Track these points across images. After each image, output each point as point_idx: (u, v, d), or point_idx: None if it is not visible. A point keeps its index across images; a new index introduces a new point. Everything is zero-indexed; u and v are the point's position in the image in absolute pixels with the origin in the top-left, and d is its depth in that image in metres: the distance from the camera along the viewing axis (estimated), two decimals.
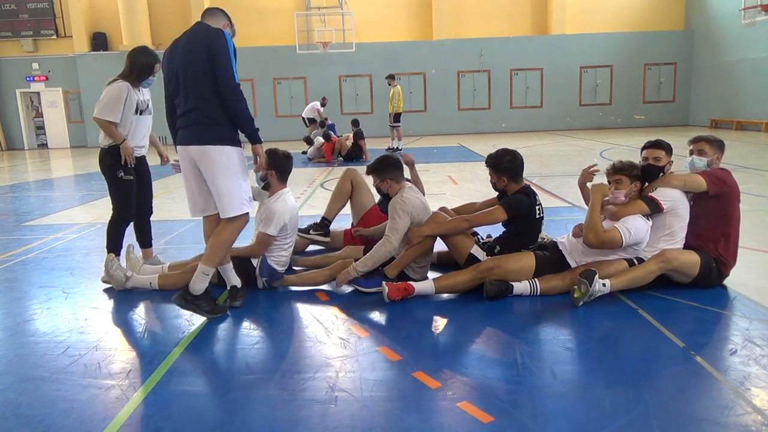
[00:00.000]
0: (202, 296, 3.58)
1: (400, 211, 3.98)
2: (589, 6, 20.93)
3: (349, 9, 19.66)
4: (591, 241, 3.71)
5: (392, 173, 4.16)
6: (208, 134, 3.43)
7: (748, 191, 7.32)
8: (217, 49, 3.35)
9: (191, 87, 3.43)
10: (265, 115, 20.96)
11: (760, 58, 17.11)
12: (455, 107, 21.37)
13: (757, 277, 4.10)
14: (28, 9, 20.69)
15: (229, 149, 3.47)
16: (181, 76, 3.46)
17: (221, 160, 3.44)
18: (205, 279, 3.58)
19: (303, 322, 3.57)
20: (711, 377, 2.68)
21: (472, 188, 8.65)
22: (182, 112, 3.52)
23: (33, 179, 12.20)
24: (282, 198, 4.15)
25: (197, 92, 3.41)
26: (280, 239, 4.13)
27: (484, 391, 2.61)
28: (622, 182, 3.81)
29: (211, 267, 3.58)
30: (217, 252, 3.57)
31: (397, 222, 3.97)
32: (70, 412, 2.51)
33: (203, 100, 3.41)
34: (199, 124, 3.44)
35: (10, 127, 21.22)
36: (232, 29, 3.70)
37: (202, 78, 3.39)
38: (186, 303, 3.55)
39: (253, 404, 2.57)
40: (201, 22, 3.58)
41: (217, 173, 3.46)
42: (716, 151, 3.90)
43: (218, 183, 3.47)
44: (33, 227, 6.77)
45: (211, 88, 3.39)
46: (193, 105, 3.44)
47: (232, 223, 3.57)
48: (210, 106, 3.41)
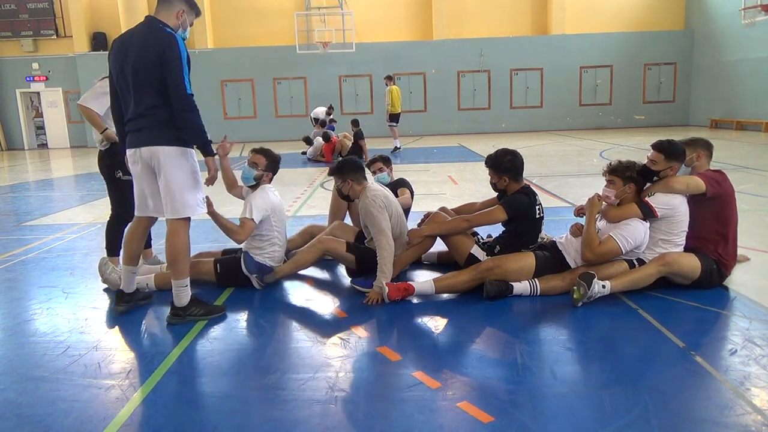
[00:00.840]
0: (190, 304, 3.54)
1: (375, 210, 3.96)
2: (589, 6, 20.92)
3: (349, 9, 19.65)
4: (588, 258, 3.71)
5: (353, 175, 4.15)
6: (159, 136, 3.32)
7: (748, 191, 7.32)
8: (169, 57, 3.19)
9: (143, 92, 3.29)
10: (265, 115, 20.96)
11: (760, 58, 17.11)
12: (455, 107, 21.36)
13: (757, 277, 4.10)
14: (28, 9, 20.67)
15: (182, 150, 3.37)
16: (132, 80, 3.31)
17: (174, 161, 3.34)
18: (185, 291, 3.51)
19: (303, 323, 3.57)
20: (711, 377, 2.68)
21: (472, 188, 8.64)
22: (132, 116, 3.38)
23: (33, 179, 12.20)
24: (263, 189, 4.16)
25: (148, 99, 3.28)
26: (266, 232, 4.12)
27: (484, 391, 2.61)
28: (614, 183, 3.81)
29: (183, 278, 3.49)
30: (182, 262, 3.47)
31: (378, 221, 3.94)
32: (70, 412, 2.51)
33: (155, 107, 3.29)
34: (150, 127, 3.32)
35: (10, 127, 21.21)
36: (194, 12, 3.50)
37: (151, 83, 3.25)
38: (179, 318, 3.52)
39: (253, 404, 2.57)
40: (153, 18, 3.37)
41: (170, 174, 3.34)
42: (694, 150, 3.90)
43: (171, 184, 3.36)
44: (33, 227, 6.77)
45: (163, 94, 3.26)
46: (143, 111, 3.32)
47: (179, 227, 3.45)
48: (161, 110, 3.29)
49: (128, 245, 3.68)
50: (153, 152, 3.35)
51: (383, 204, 4.00)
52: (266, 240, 4.14)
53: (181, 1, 3.41)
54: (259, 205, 4.02)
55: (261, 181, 4.18)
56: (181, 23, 3.43)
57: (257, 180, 4.16)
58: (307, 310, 3.78)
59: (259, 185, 4.18)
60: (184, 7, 3.43)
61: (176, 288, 3.49)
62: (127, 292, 3.72)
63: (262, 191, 4.14)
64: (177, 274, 3.48)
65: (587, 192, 7.86)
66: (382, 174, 5.00)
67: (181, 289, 3.50)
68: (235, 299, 3.96)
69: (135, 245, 3.67)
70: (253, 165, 4.17)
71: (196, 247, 4.88)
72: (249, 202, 4.05)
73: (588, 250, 3.70)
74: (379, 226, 3.93)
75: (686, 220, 3.78)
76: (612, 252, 3.68)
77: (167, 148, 3.33)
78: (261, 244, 4.14)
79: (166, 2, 3.39)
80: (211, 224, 4.07)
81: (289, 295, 4.11)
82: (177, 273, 3.48)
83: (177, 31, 3.39)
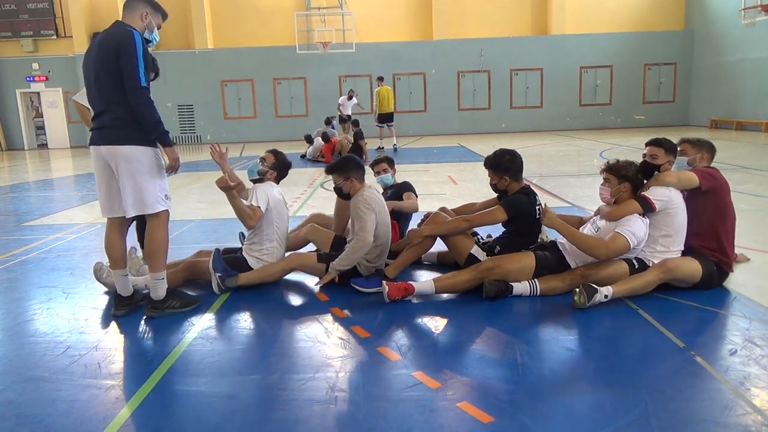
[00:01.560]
0: (167, 297, 3.66)
1: (365, 209, 3.97)
2: (589, 6, 20.92)
3: (349, 9, 19.66)
4: (603, 255, 3.65)
5: (356, 172, 4.16)
6: (117, 135, 3.40)
7: (748, 191, 7.32)
8: (124, 52, 3.28)
9: (102, 89, 3.39)
10: (265, 115, 20.96)
11: (760, 58, 17.11)
12: (455, 107, 21.36)
13: (757, 277, 4.10)
14: (28, 9, 20.67)
15: (140, 148, 3.43)
16: (93, 78, 3.41)
17: (132, 160, 3.41)
18: (162, 283, 3.63)
19: (303, 323, 3.57)
20: (711, 377, 2.68)
21: (472, 188, 8.64)
22: (94, 114, 3.51)
23: (33, 179, 12.20)
24: (266, 183, 4.23)
25: (106, 94, 3.38)
26: (265, 227, 4.13)
27: (484, 391, 2.61)
28: (610, 182, 3.83)
29: (160, 271, 3.61)
30: (159, 256, 3.59)
31: (364, 220, 3.96)
32: (70, 412, 2.51)
33: (112, 103, 3.38)
34: (110, 126, 3.41)
35: (10, 127, 21.20)
36: (159, 13, 3.60)
37: (111, 80, 3.34)
38: (157, 311, 3.63)
39: (253, 404, 2.57)
40: (118, 21, 3.49)
41: (128, 172, 3.41)
42: (699, 151, 3.97)
43: (130, 182, 3.43)
44: (33, 227, 6.77)
45: (121, 90, 3.34)
46: (103, 107, 3.42)
47: (157, 222, 3.56)
48: (119, 107, 3.38)
49: (110, 250, 3.69)
50: (111, 152, 3.42)
51: (375, 208, 4.01)
52: (265, 236, 4.15)
53: (144, 3, 3.51)
54: (260, 195, 4.07)
55: (265, 177, 4.26)
56: (147, 25, 3.54)
57: (261, 175, 4.25)
58: (307, 310, 3.77)
59: (262, 181, 4.24)
60: (148, 9, 3.54)
61: (153, 281, 3.61)
62: (124, 296, 3.73)
63: (264, 184, 4.20)
64: (154, 268, 3.60)
65: (587, 192, 7.91)
66: (386, 175, 5.00)
67: (158, 282, 3.62)
68: (235, 299, 3.96)
69: (117, 249, 3.69)
70: (261, 161, 4.30)
71: (196, 247, 4.91)
72: (253, 191, 4.13)
73: (598, 252, 3.66)
74: (364, 224, 3.96)
75: (684, 215, 3.78)
76: (623, 247, 3.65)
77: (124, 147, 3.40)
78: (259, 239, 4.14)
79: (130, 5, 3.51)
80: (211, 224, 4.08)
81: (289, 295, 4.11)
82: (154, 266, 3.60)
83: (143, 32, 3.49)
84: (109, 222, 3.71)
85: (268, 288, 4.13)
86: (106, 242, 3.71)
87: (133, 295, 3.78)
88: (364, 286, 3.98)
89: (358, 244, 3.94)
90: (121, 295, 3.72)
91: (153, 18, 3.56)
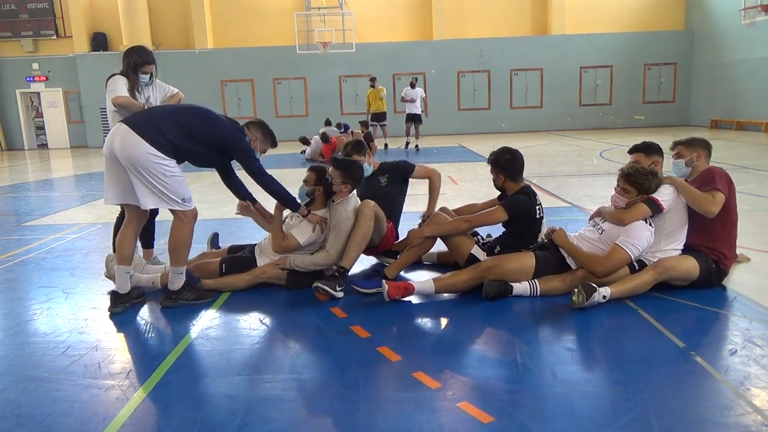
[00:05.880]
0: (182, 289, 3.76)
1: (345, 226, 4.01)
2: (589, 6, 20.91)
3: (349, 9, 19.66)
4: (599, 272, 3.65)
5: (355, 182, 4.17)
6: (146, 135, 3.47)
7: (748, 191, 7.32)
8: (234, 148, 3.84)
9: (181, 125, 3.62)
10: (265, 115, 20.88)
11: (760, 58, 17.11)
12: (455, 107, 21.35)
13: (757, 277, 4.10)
14: (28, 9, 20.66)
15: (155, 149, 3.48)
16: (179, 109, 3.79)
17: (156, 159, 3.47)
18: (180, 277, 3.76)
19: (303, 323, 3.57)
20: (711, 377, 2.68)
21: (472, 188, 8.64)
22: (140, 119, 3.65)
23: (33, 179, 12.20)
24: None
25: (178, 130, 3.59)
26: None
27: (484, 391, 2.61)
28: (629, 192, 3.73)
29: (181, 266, 3.73)
30: (182, 253, 3.69)
31: (341, 236, 4.01)
32: (70, 412, 2.51)
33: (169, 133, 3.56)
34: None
35: (10, 127, 21.19)
36: (269, 143, 4.11)
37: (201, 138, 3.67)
38: (172, 301, 3.76)
39: (253, 404, 2.56)
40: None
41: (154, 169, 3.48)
42: (694, 150, 3.92)
43: (160, 177, 3.50)
44: (33, 227, 6.76)
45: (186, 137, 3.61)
46: (162, 127, 3.55)
47: (185, 219, 3.64)
48: (169, 136, 3.53)
49: (122, 246, 3.74)
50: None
51: (350, 226, 4.03)
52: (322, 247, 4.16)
53: (257, 129, 4.05)
54: (304, 229, 4.08)
55: (315, 197, 4.18)
56: (254, 147, 4.05)
57: (310, 196, 4.18)
58: (307, 311, 3.77)
59: (313, 200, 4.19)
60: (259, 135, 4.07)
61: (173, 273, 3.74)
62: (121, 293, 3.76)
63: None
64: (175, 262, 3.72)
65: (587, 192, 7.91)
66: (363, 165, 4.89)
67: (177, 276, 3.74)
68: (235, 299, 3.96)
69: (130, 245, 3.76)
70: (305, 183, 4.21)
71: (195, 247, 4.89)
72: (305, 222, 4.12)
73: (595, 268, 3.65)
74: (338, 241, 4.01)
75: (684, 213, 3.77)
76: (623, 261, 3.65)
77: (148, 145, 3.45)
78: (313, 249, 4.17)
79: (247, 127, 4.01)
80: (212, 224, 4.07)
81: (288, 295, 4.11)
82: (176, 261, 3.71)
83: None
84: (128, 218, 3.80)
85: (268, 288, 4.13)
86: (120, 238, 3.78)
87: (130, 293, 3.80)
88: (364, 287, 3.97)
89: (324, 261, 4.01)
90: (118, 293, 3.77)
91: (261, 144, 4.00)
